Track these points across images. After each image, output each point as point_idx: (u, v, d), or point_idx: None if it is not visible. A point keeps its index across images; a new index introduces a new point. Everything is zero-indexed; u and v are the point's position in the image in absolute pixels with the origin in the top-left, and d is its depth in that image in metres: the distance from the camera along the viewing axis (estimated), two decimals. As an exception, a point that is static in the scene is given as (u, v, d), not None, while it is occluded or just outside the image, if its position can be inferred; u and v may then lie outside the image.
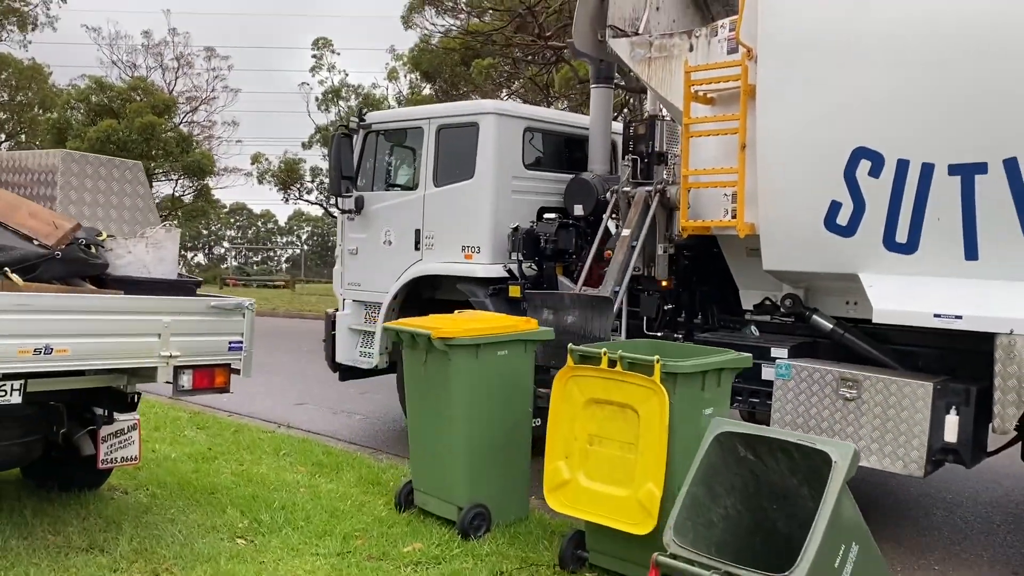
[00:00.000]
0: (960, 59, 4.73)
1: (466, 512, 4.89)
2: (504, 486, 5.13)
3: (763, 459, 3.14)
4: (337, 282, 8.43)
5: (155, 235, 4.48)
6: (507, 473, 5.15)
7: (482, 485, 5.00)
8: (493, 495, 5.03)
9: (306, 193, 34.59)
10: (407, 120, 7.97)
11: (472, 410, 4.95)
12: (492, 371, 5.02)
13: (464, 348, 4.87)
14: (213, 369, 4.40)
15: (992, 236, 4.75)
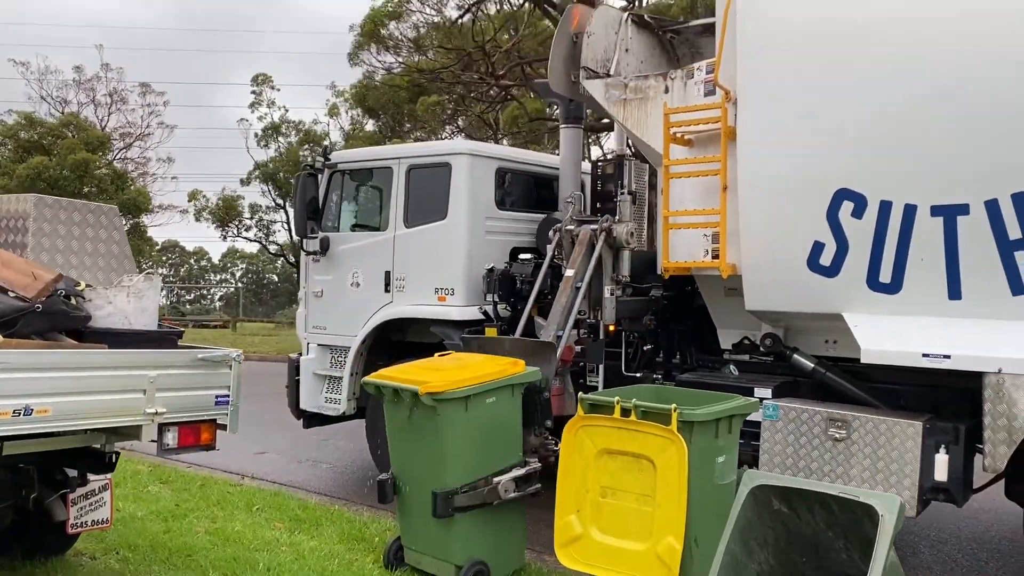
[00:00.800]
0: (939, 101, 4.85)
1: (465, 571, 4.71)
2: (501, 538, 4.97)
3: (798, 511, 3.08)
4: (300, 325, 8.19)
5: (136, 284, 4.24)
6: (503, 525, 4.98)
7: (479, 540, 4.83)
8: (490, 549, 4.86)
9: (244, 230, 33.88)
10: (375, 160, 7.85)
11: (464, 464, 4.77)
12: (482, 421, 4.86)
13: (453, 402, 4.69)
14: (199, 425, 4.16)
15: (975, 276, 4.85)
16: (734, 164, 5.63)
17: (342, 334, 7.67)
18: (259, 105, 30.96)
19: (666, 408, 3.71)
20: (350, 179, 7.97)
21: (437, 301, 7.10)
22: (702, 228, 5.93)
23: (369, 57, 20.41)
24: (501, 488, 4.78)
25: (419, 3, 18.73)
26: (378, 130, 25.60)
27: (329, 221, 7.95)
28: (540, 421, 5.40)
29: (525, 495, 5.00)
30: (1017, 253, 4.68)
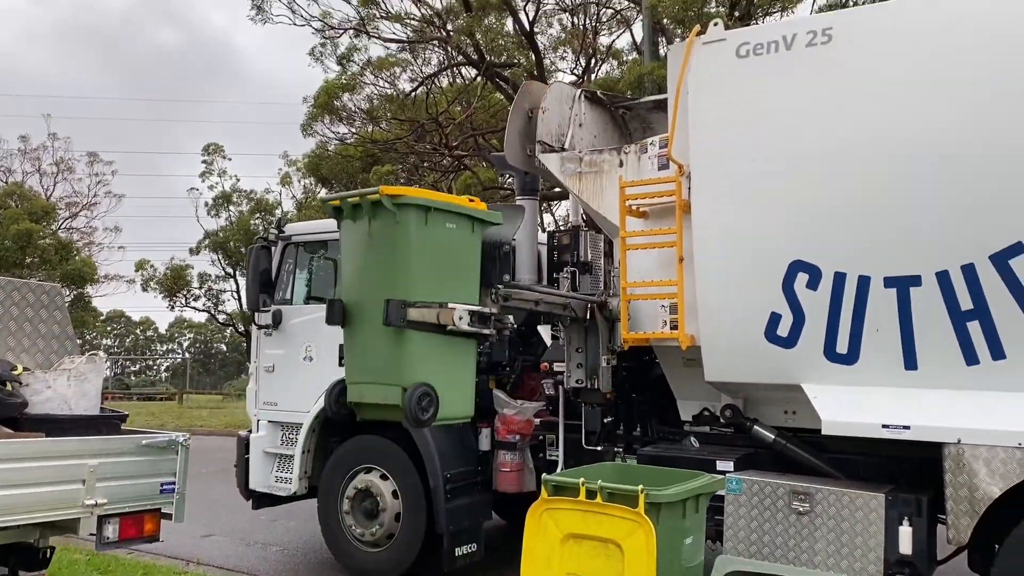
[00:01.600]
0: (888, 176, 4.98)
1: (412, 391, 4.50)
2: (450, 375, 4.83)
3: (770, 597, 2.99)
4: (251, 401, 7.93)
5: (77, 367, 4.06)
6: (454, 362, 4.87)
7: (428, 367, 4.67)
8: (439, 382, 4.68)
9: (193, 300, 33.31)
10: (329, 232, 7.73)
11: (420, 280, 4.64)
12: (441, 243, 4.75)
13: (414, 209, 4.58)
14: (142, 516, 3.96)
15: (929, 347, 4.90)
16: (689, 236, 5.68)
17: (294, 410, 7.44)
18: (210, 174, 30.83)
19: (633, 489, 3.62)
20: (304, 251, 7.85)
21: (392, 375, 6.94)
22: (660, 299, 5.95)
23: (322, 128, 20.49)
24: (456, 314, 4.65)
25: (372, 76, 18.91)
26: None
27: (282, 294, 7.79)
28: (498, 278, 5.28)
29: (480, 334, 4.94)
30: (970, 323, 4.75)
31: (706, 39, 5.67)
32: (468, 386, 5.07)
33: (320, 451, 7.39)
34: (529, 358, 7.12)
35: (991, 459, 4.57)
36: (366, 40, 18.37)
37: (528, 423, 6.67)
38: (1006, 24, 4.74)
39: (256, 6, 16.99)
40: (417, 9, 17.25)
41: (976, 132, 4.74)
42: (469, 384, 5.09)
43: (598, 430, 6.41)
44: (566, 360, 6.41)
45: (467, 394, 5.05)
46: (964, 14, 4.91)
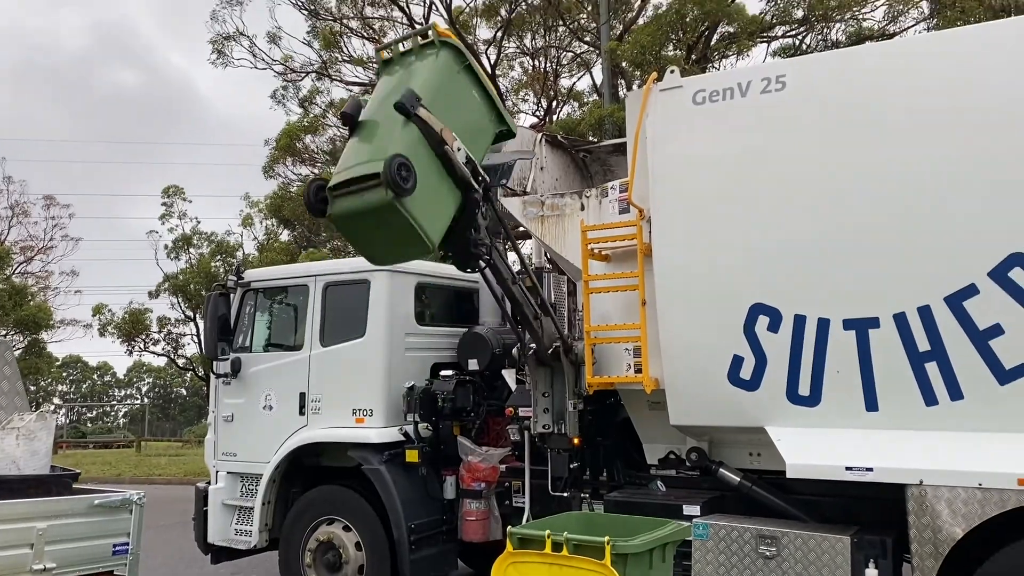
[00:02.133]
0: (845, 219, 5.06)
1: (392, 159, 4.57)
2: (431, 198, 4.93)
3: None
4: (209, 452, 7.76)
5: (27, 424, 3.93)
6: (436, 191, 4.99)
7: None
8: (420, 198, 4.80)
9: (152, 344, 32.65)
10: (290, 278, 7.67)
11: (436, 105, 4.93)
12: (463, 100, 5.26)
13: (455, 49, 5.22)
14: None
15: (889, 388, 4.95)
16: (651, 279, 5.71)
17: (254, 460, 7.29)
18: (170, 217, 30.43)
19: (599, 541, 3.57)
20: (264, 297, 7.75)
21: (355, 423, 6.84)
22: (624, 343, 5.95)
23: (284, 169, 20.45)
24: (456, 144, 4.97)
25: (335, 118, 18.94)
26: (293, 240, 25.39)
27: (241, 341, 7.67)
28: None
29: (466, 179, 5.14)
30: (928, 364, 4.81)
31: (663, 86, 5.76)
32: (445, 220, 5.13)
33: (281, 502, 7.23)
34: (494, 403, 7.06)
35: (953, 500, 4.59)
36: (328, 83, 18.43)
37: (494, 470, 6.59)
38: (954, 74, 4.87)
39: (217, 51, 16.98)
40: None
41: (929, 176, 4.85)
42: (446, 219, 5.14)
43: (565, 476, 6.35)
44: (532, 405, 6.36)
45: (441, 225, 5.09)
46: (913, 63, 5.06)
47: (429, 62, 5.19)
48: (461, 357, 7.13)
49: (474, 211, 5.38)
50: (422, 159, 4.86)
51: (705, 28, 14.49)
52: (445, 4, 15.92)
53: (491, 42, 16.58)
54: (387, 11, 17.00)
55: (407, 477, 6.64)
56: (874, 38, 14.78)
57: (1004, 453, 4.57)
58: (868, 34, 15.08)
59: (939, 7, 14.28)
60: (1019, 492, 4.45)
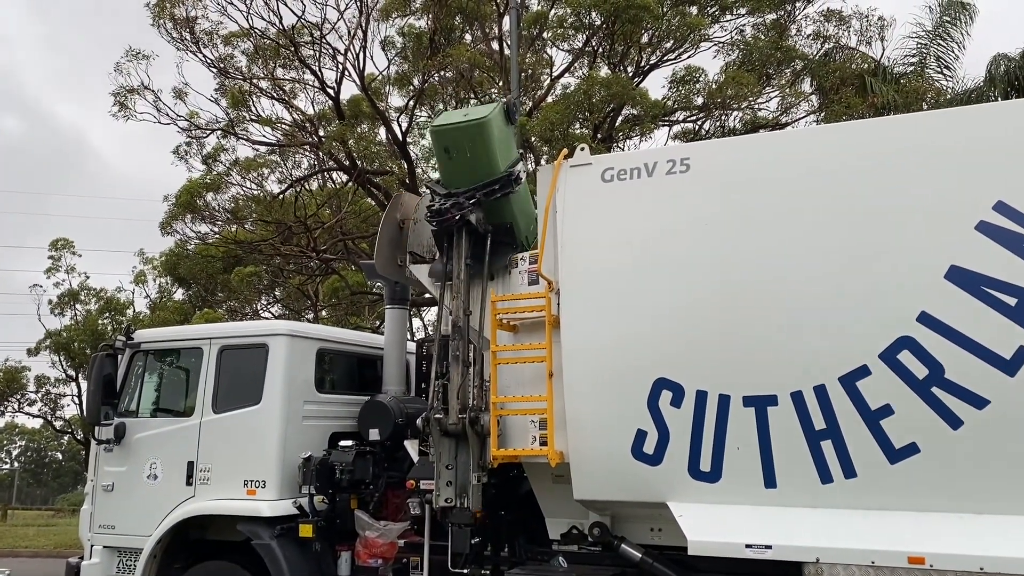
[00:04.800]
0: (744, 298, 5.20)
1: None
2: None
3: None
4: (84, 524, 7.25)
5: None
6: None
7: None
8: None
9: (28, 404, 30.67)
10: (183, 339, 7.36)
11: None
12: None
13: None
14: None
15: (787, 466, 5.05)
16: (559, 351, 5.71)
17: (134, 534, 6.85)
18: (56, 270, 28.99)
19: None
20: (154, 359, 7.41)
21: (246, 495, 6.53)
22: (530, 415, 5.90)
23: (183, 226, 19.81)
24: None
25: (239, 176, 18.58)
26: (188, 299, 24.51)
27: (127, 405, 7.25)
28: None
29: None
30: (823, 443, 4.93)
31: (573, 162, 5.88)
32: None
33: (159, 580, 6.77)
34: (395, 475, 6.86)
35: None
36: (234, 141, 18.11)
37: (392, 546, 6.36)
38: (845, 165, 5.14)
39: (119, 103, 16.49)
40: (289, 114, 17.23)
41: (822, 260, 5.05)
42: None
43: (466, 552, 6.17)
44: (435, 477, 6.18)
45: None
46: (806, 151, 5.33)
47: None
48: (362, 426, 6.93)
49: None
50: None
51: (611, 109, 14.98)
52: (358, 71, 15.98)
53: (403, 110, 16.68)
54: (298, 73, 16.94)
55: (300, 553, 6.34)
56: (768, 127, 15.61)
57: (895, 531, 4.70)
58: (762, 123, 15.91)
59: (826, 102, 15.23)
60: (909, 571, 4.56)
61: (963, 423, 4.63)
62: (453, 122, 6.15)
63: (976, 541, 4.53)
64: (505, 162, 6.26)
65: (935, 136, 5.07)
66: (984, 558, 4.45)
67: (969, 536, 4.56)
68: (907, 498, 4.75)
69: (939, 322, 4.68)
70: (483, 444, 6.17)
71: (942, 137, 5.03)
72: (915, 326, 4.73)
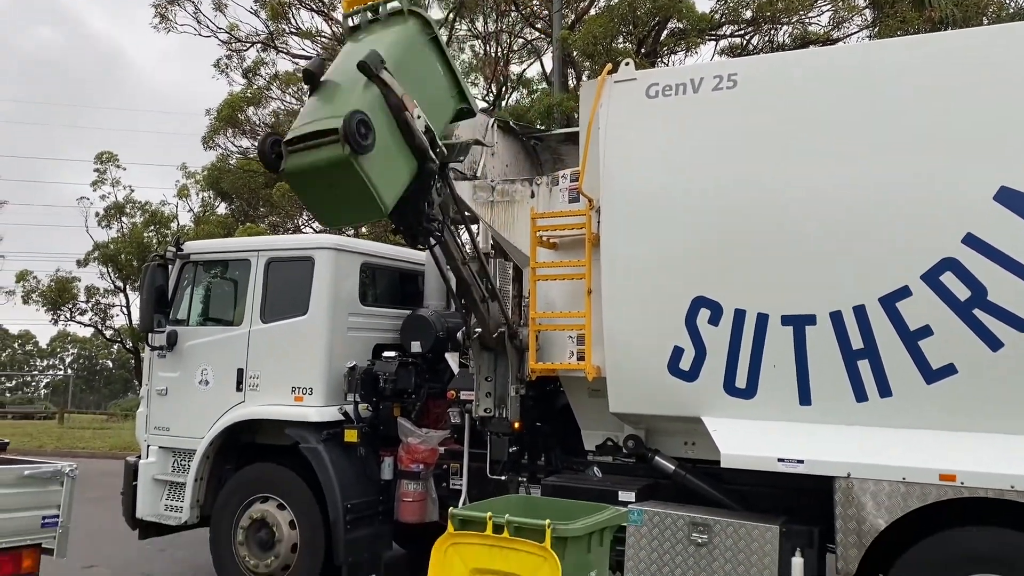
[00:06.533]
0: (786, 216, 5.19)
1: (351, 116, 4.49)
2: (389, 165, 4.92)
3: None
4: (140, 426, 7.58)
5: (-47, 392, 3.78)
6: (394, 160, 4.98)
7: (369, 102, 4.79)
8: (379, 163, 4.78)
9: (79, 314, 31.64)
10: (231, 252, 7.53)
11: (399, 72, 4.92)
12: (427, 72, 5.29)
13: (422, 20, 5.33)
14: (20, 552, 3.69)
15: (822, 383, 5.11)
16: (598, 269, 5.77)
17: (187, 436, 7.16)
18: (102, 183, 29.46)
19: (540, 524, 3.62)
20: (203, 270, 7.59)
21: (293, 401, 6.77)
22: (568, 331, 6.01)
23: (225, 141, 19.96)
24: (416, 110, 4.96)
25: (279, 91, 18.56)
26: (231, 214, 24.84)
27: (178, 314, 7.50)
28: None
29: (422, 148, 5.10)
30: (860, 362, 4.97)
31: (617, 78, 5.81)
32: (398, 188, 5.05)
33: (213, 479, 7.12)
34: (435, 386, 7.06)
35: (878, 493, 4.77)
36: (274, 54, 18.04)
37: (433, 452, 6.60)
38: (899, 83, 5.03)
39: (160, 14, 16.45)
40: (328, 27, 17.06)
41: (870, 180, 5.00)
42: (400, 185, 5.07)
43: (504, 460, 6.39)
44: (475, 389, 6.38)
45: (395, 190, 5.02)
46: (860, 69, 5.20)
47: (397, 29, 5.21)
48: (404, 339, 7.11)
49: (429, 183, 5.34)
50: (381, 121, 4.80)
51: (656, 23, 14.60)
52: (398, -18, 15.73)
53: (442, 23, 16.43)
54: (338, -16, 16.73)
55: (345, 457, 6.60)
56: (819, 43, 15.11)
57: (928, 449, 4.77)
58: (813, 38, 15.40)
59: (881, 16, 14.67)
60: (940, 487, 4.65)
61: (1003, 345, 4.64)
62: (304, 163, 4.88)
63: (1008, 461, 4.58)
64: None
65: (992, 53, 4.91)
66: (1015, 477, 4.50)
67: (1001, 456, 4.61)
68: (942, 418, 4.80)
69: (985, 244, 4.65)
70: (521, 358, 6.32)
71: (1000, 54, 4.88)
72: (960, 248, 4.70)
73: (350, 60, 5.01)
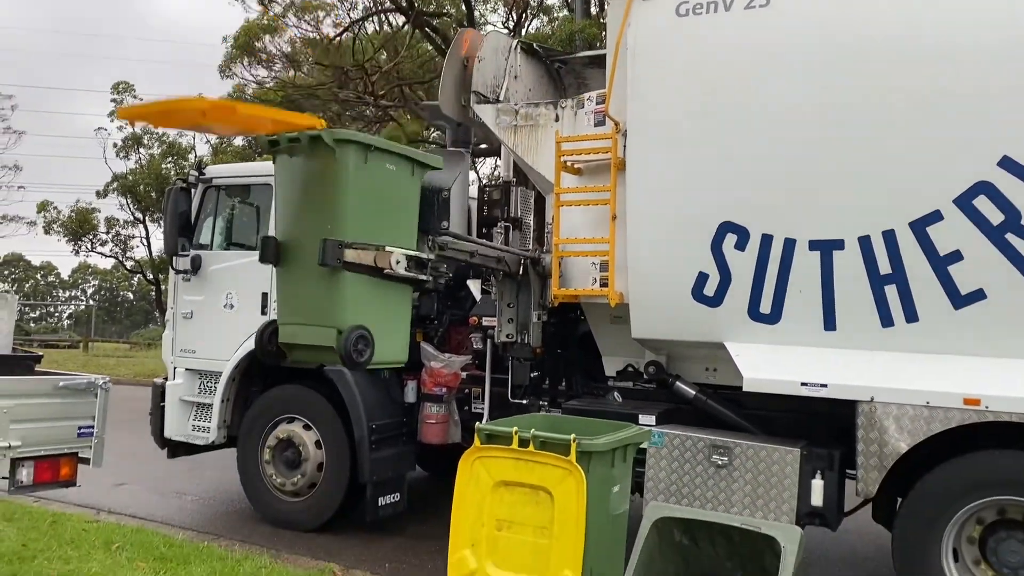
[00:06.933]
0: (815, 140, 5.09)
1: (348, 333, 4.41)
2: (385, 319, 4.77)
3: (698, 542, 3.09)
4: (167, 348, 7.69)
5: (-13, 304, 3.83)
6: (388, 306, 4.80)
7: (364, 310, 4.60)
8: (375, 325, 4.62)
9: (99, 245, 31.92)
10: (253, 176, 7.51)
11: (357, 221, 4.49)
12: (380, 183, 4.61)
13: (353, 146, 4.45)
14: (58, 460, 3.79)
15: (848, 309, 5.09)
16: (623, 194, 5.71)
17: (213, 358, 7.26)
18: (119, 113, 29.35)
19: (565, 438, 3.66)
20: (226, 195, 7.59)
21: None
22: (591, 257, 5.99)
23: (241, 70, 19.75)
24: (393, 258, 4.61)
25: (295, 19, 18.28)
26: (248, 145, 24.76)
27: (201, 238, 7.53)
28: (436, 226, 5.21)
29: (415, 279, 4.90)
30: (887, 287, 4.94)
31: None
32: (403, 332, 4.99)
33: (240, 400, 7.24)
34: (457, 312, 7.10)
35: (901, 416, 4.79)
36: (291, -19, 17.72)
37: (455, 376, 6.67)
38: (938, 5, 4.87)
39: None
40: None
41: (904, 103, 4.88)
42: (404, 330, 5.00)
43: (525, 384, 6.46)
44: (497, 315, 6.41)
45: (402, 339, 4.97)
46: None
47: (330, 165, 4.52)
48: (423, 265, 7.09)
49: (426, 287, 5.28)
50: (368, 290, 4.65)
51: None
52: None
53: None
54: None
55: (369, 379, 6.68)
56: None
57: (952, 374, 4.76)
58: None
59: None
60: (963, 411, 4.66)
61: (1035, 269, 4.58)
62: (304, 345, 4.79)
63: (1034, 386, 4.57)
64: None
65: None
66: (1041, 401, 4.50)
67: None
68: (968, 343, 4.77)
69: (1021, 166, 4.55)
70: (544, 285, 6.32)
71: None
72: (995, 170, 4.60)
73: (303, 204, 4.69)
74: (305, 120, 4.60)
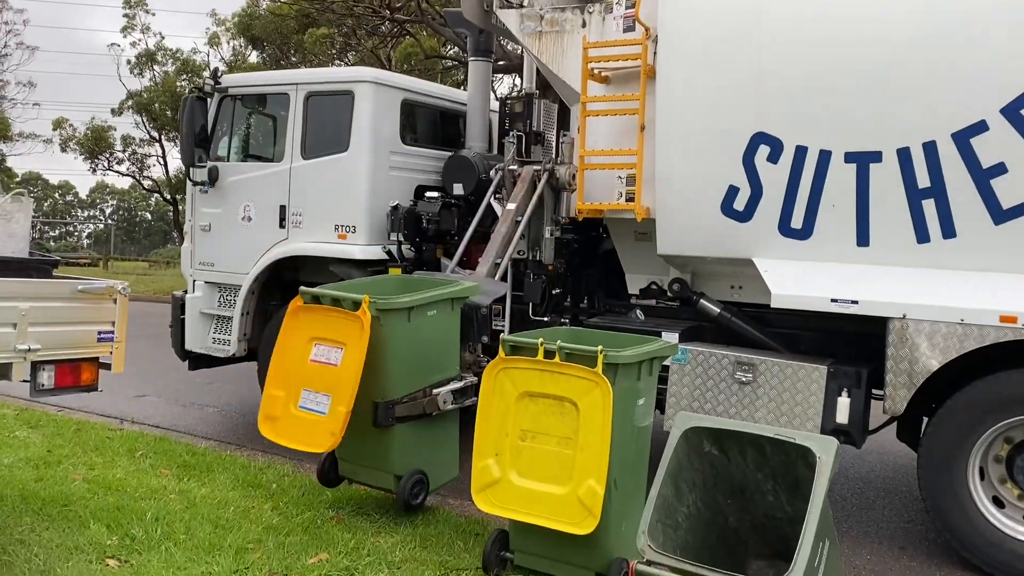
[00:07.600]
0: (857, 48, 4.86)
1: (406, 480, 4.76)
2: (437, 449, 5.04)
3: (728, 454, 3.02)
4: (186, 261, 7.65)
5: (3, 206, 3.75)
6: (440, 435, 5.04)
7: (417, 450, 4.88)
8: (428, 460, 4.95)
9: (116, 163, 31.82)
10: (270, 85, 7.32)
11: (404, 375, 4.74)
12: (423, 333, 4.83)
13: (397, 312, 4.66)
14: (79, 364, 3.75)
15: (883, 224, 4.93)
16: (652, 103, 5.52)
17: (232, 271, 7.20)
18: (132, 30, 28.90)
19: (592, 350, 3.58)
20: (242, 105, 7.41)
21: (337, 239, 6.73)
22: (617, 170, 5.82)
23: (256, -18, 19.26)
24: (440, 399, 4.85)
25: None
26: (263, 61, 24.37)
27: (218, 150, 7.40)
28: (476, 337, 5.44)
29: (461, 407, 5.07)
30: (925, 202, 4.77)
31: None
32: (453, 451, 5.20)
33: (259, 314, 7.21)
34: (478, 228, 6.96)
35: (933, 334, 4.68)
36: None
37: (475, 291, 6.57)
38: None
39: None
40: None
41: (948, 10, 4.63)
42: (454, 448, 5.21)
43: (536, 301, 6.35)
44: (509, 230, 6.27)
45: (453, 459, 5.21)
46: None
47: (376, 332, 4.63)
48: (446, 180, 6.95)
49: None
50: (419, 428, 4.91)
51: None
52: None
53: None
54: None
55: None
56: None
57: (988, 291, 4.63)
58: None
59: None
60: (999, 328, 4.54)
61: (1083, 183, 4.39)
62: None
63: (1075, 303, 4.44)
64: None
65: None
66: (1081, 319, 4.37)
67: (1068, 298, 4.47)
68: (1006, 260, 4.63)
69: (1077, 73, 4.31)
70: (557, 198, 6.17)
71: None
72: (1048, 78, 4.37)
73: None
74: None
